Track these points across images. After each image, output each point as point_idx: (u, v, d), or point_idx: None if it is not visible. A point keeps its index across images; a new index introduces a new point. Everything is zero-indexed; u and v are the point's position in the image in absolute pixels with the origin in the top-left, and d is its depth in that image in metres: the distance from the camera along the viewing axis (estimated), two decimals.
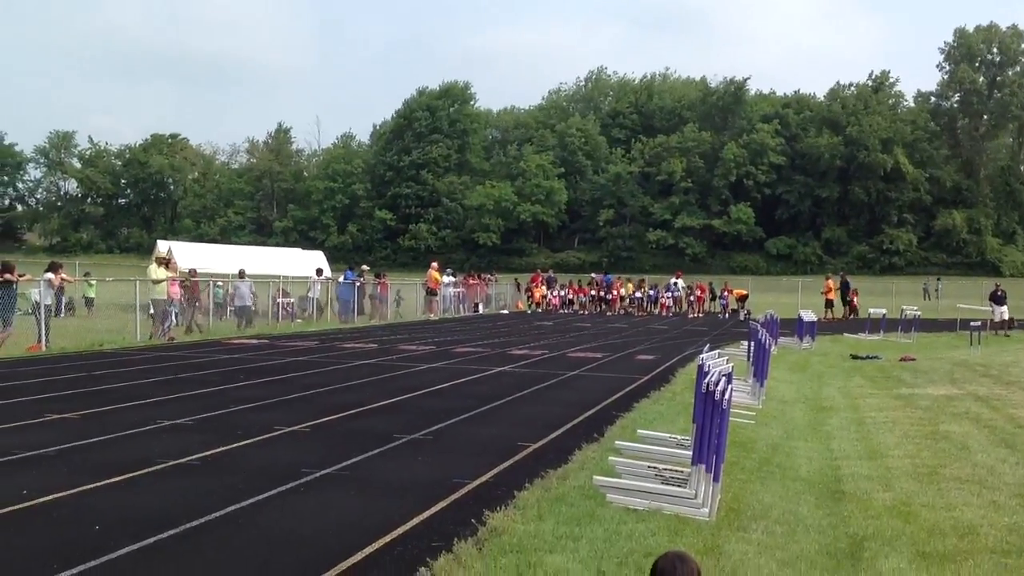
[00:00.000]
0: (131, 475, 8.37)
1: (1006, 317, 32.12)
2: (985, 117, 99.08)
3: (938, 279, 66.36)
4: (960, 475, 9.14)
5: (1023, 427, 12.19)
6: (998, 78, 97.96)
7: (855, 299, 42.30)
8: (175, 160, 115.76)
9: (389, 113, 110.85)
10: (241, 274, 28.99)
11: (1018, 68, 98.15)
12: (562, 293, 47.92)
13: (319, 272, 35.83)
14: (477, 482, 8.33)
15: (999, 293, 33.53)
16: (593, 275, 53.13)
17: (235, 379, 15.62)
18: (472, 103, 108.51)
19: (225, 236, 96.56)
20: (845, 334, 30.66)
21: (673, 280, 48.09)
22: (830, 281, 44.00)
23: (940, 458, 10.04)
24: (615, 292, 46.63)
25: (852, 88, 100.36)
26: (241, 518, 7.12)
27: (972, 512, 7.70)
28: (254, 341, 23.72)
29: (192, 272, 28.15)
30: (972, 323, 28.07)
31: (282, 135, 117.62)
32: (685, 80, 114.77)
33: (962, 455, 10.21)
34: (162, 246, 36.72)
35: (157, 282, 23.77)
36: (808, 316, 26.77)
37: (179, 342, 23.10)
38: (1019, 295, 35.32)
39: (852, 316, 40.35)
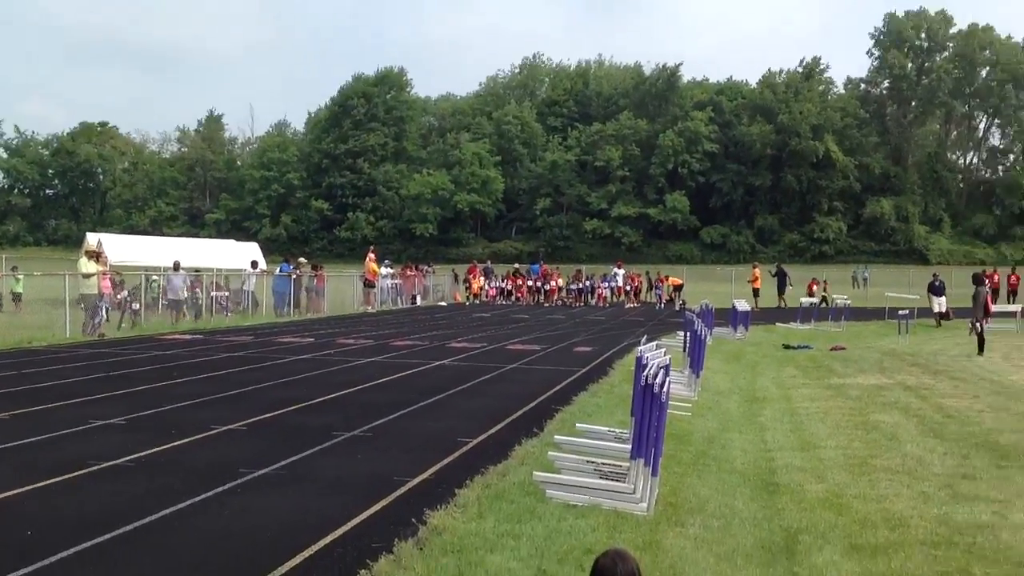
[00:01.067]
0: (64, 477, 8.24)
1: (943, 309, 31.83)
2: (913, 103, 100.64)
3: (865, 267, 67.65)
4: (890, 466, 9.37)
5: (951, 417, 12.52)
6: (926, 64, 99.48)
7: (817, 288, 42.50)
8: (104, 149, 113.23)
9: (324, 100, 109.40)
10: (176, 266, 28.50)
11: (946, 54, 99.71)
12: (500, 284, 47.96)
13: (254, 264, 35.38)
14: (418, 479, 8.34)
15: (937, 283, 32.91)
16: (517, 266, 53.19)
17: (169, 376, 15.40)
18: (408, 90, 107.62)
19: (156, 227, 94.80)
20: (777, 323, 31.14)
21: (614, 270, 48.35)
22: (757, 270, 44.55)
23: (871, 449, 10.28)
24: (552, 283, 46.78)
25: (783, 75, 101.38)
26: (178, 520, 7.05)
27: (902, 503, 7.90)
28: (188, 336, 23.40)
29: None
30: (900, 312, 28.69)
31: (214, 123, 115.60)
32: (620, 67, 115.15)
33: (892, 446, 10.46)
34: (92, 239, 35.94)
35: (87, 276, 23.30)
36: (742, 306, 27.15)
37: (110, 338, 22.69)
38: (951, 284, 35.72)
39: (823, 305, 40.81)
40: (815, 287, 43.18)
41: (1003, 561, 6.39)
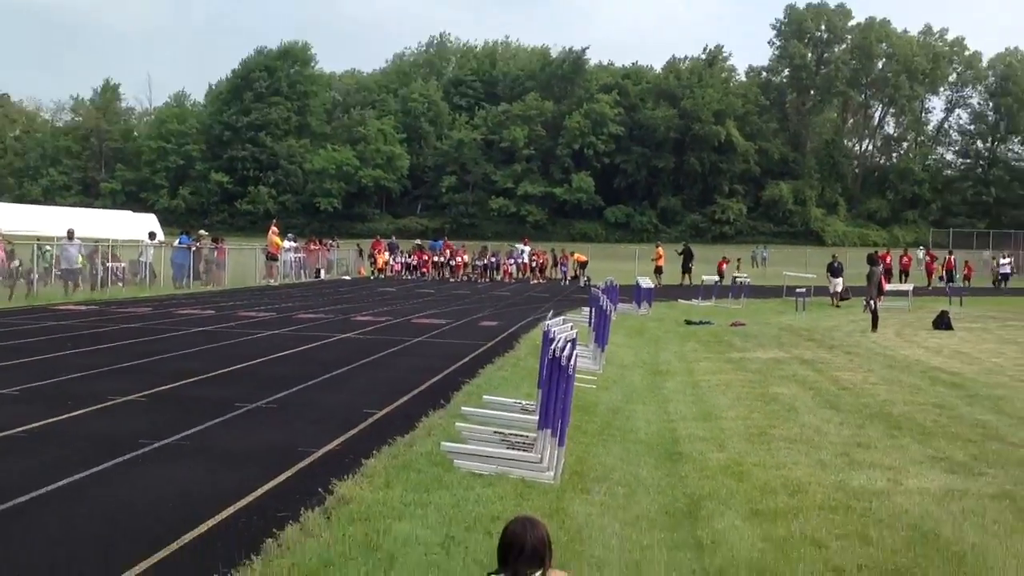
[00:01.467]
0: None
1: (840, 288, 32.50)
2: (812, 92, 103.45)
3: (764, 247, 69.27)
4: (789, 435, 9.63)
5: (846, 389, 12.93)
6: (825, 55, 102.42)
7: (728, 267, 43.53)
8: None
9: (226, 73, 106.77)
10: (70, 235, 27.59)
11: (844, 45, 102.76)
12: (405, 259, 47.75)
13: (152, 236, 34.56)
14: (323, 451, 8.25)
15: (835, 265, 33.52)
16: (419, 241, 53.02)
17: (63, 347, 14.93)
18: (313, 65, 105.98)
19: (49, 197, 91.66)
20: (679, 300, 31.66)
21: (520, 247, 48.56)
22: (660, 249, 45.34)
23: (770, 419, 10.54)
24: (458, 259, 46.77)
25: (687, 61, 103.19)
26: (75, 492, 6.85)
27: (801, 471, 8.12)
28: (83, 307, 22.70)
29: None
30: (798, 290, 29.45)
31: (110, 92, 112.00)
32: (527, 48, 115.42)
33: (790, 416, 10.75)
34: None
35: None
36: (645, 283, 27.53)
37: (1, 307, 21.89)
38: (848, 264, 36.63)
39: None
40: (724, 266, 44.15)
41: (898, 525, 6.61)
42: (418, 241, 52.79)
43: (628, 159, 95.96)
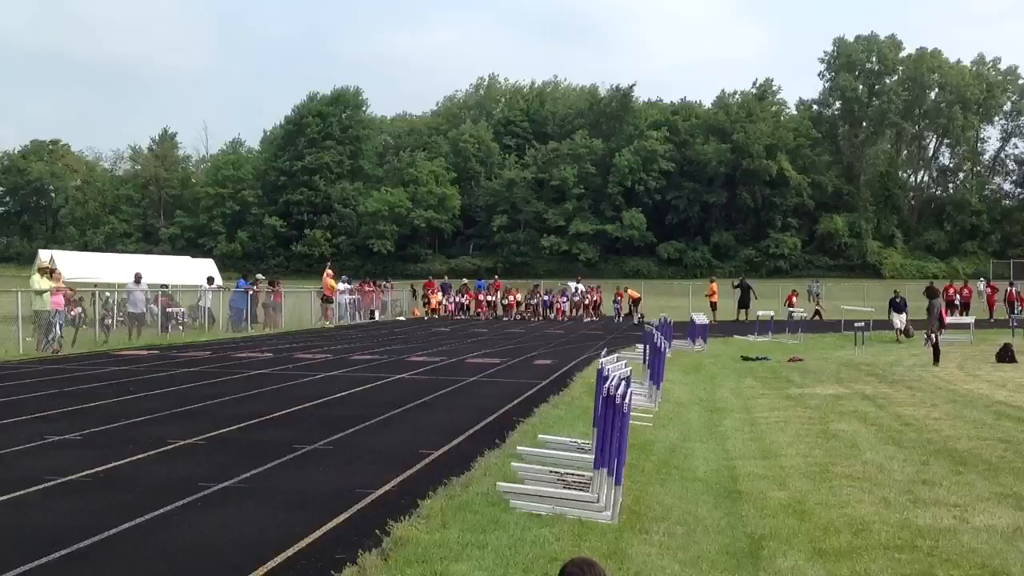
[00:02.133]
0: (17, 494, 8.05)
1: (904, 325, 31.30)
2: (864, 124, 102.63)
3: (817, 281, 68.39)
4: (851, 473, 9.44)
5: (909, 425, 12.67)
6: (876, 86, 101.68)
7: (796, 300, 43.49)
8: (56, 167, 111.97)
9: (279, 119, 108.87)
10: (137, 279, 28.09)
11: (895, 76, 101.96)
12: (458, 299, 47.94)
13: (210, 280, 35.08)
14: (380, 492, 8.26)
15: (898, 300, 32.13)
16: (466, 281, 53.10)
17: (125, 391, 15.17)
18: (364, 109, 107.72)
19: (110, 244, 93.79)
20: (735, 336, 31.38)
21: (573, 285, 48.56)
22: (714, 284, 45.05)
23: (831, 456, 10.36)
24: (511, 298, 46.86)
25: (737, 96, 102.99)
26: (136, 535, 6.92)
27: (864, 509, 7.96)
28: (144, 352, 23.08)
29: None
30: (856, 324, 29.03)
31: (168, 140, 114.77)
32: (575, 88, 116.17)
33: (852, 453, 10.55)
34: (44, 255, 35.40)
35: (40, 293, 22.94)
36: (700, 319, 27.34)
37: (65, 354, 22.33)
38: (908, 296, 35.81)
39: (816, 318, 41.53)
40: (795, 299, 43.75)
41: (965, 564, 6.45)
42: (464, 281, 52.93)
43: (679, 195, 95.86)
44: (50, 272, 24.31)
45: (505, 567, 6.08)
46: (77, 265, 36.48)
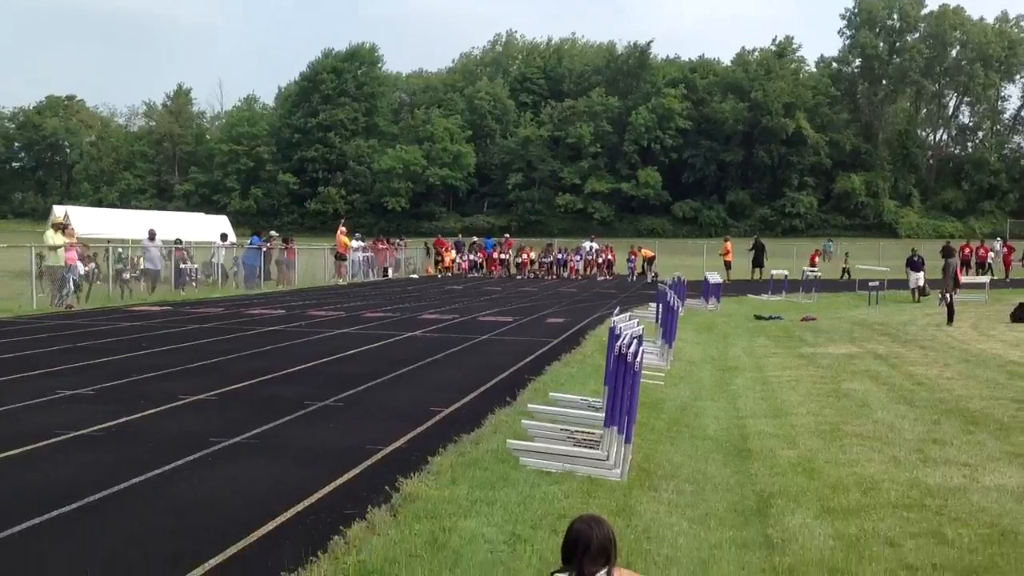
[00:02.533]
0: (30, 447, 8.12)
1: (921, 283, 30.87)
2: (884, 82, 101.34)
3: (829, 240, 68.04)
4: (862, 432, 9.42)
5: (921, 384, 12.62)
6: (897, 44, 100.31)
7: (819, 260, 43.16)
8: (71, 123, 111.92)
9: (294, 75, 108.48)
10: (151, 235, 28.15)
11: (917, 34, 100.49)
12: (472, 257, 47.92)
13: (223, 237, 35.15)
14: (390, 448, 8.29)
15: (915, 259, 31.53)
16: (475, 239, 52.89)
17: (138, 347, 15.24)
18: (379, 66, 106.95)
19: (125, 201, 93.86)
20: (749, 295, 31.28)
21: (587, 243, 48.48)
22: (728, 243, 44.90)
23: (842, 415, 10.34)
24: (524, 256, 46.82)
25: (756, 53, 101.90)
26: (148, 489, 6.97)
27: (874, 468, 7.94)
28: (157, 308, 23.18)
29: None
30: (871, 283, 28.90)
31: (182, 97, 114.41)
32: (593, 45, 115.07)
33: (863, 412, 10.53)
34: (58, 211, 35.51)
35: (54, 248, 23.01)
36: (714, 278, 27.25)
37: (78, 309, 22.45)
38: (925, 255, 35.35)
39: (844, 278, 40.95)
40: (817, 258, 43.56)
41: (974, 523, 6.44)
42: (475, 239, 52.79)
43: (696, 154, 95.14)
44: (63, 228, 24.37)
45: (514, 523, 6.10)
46: (91, 221, 36.61)
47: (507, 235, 56.15)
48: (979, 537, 6.11)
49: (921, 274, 30.98)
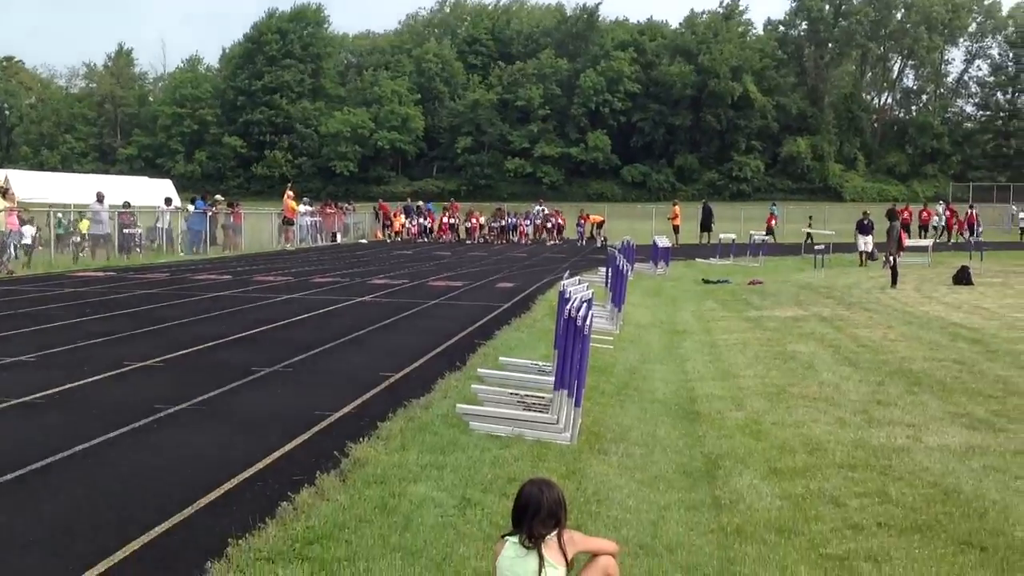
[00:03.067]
0: None
1: (870, 248, 31.05)
2: (830, 45, 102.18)
3: (774, 203, 68.66)
4: (807, 393, 9.56)
5: (865, 346, 12.82)
6: (843, 7, 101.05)
7: (775, 224, 42.94)
8: (10, 84, 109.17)
9: (238, 36, 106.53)
10: (99, 198, 27.58)
11: None
12: (421, 221, 47.68)
13: (168, 201, 34.59)
14: (339, 414, 8.24)
15: (865, 222, 31.37)
16: (419, 203, 52.54)
17: (81, 313, 14.98)
18: (325, 26, 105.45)
19: (67, 164, 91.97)
20: (697, 259, 31.52)
21: (537, 208, 48.47)
22: (677, 207, 45.14)
23: (788, 377, 10.47)
24: (474, 221, 46.70)
25: (704, 16, 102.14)
26: (92, 456, 6.87)
27: (819, 429, 8.07)
28: (101, 274, 22.78)
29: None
30: (816, 247, 29.23)
31: (123, 57, 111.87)
32: (542, 6, 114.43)
33: (809, 374, 10.68)
34: None
35: None
36: (662, 242, 27.40)
37: (19, 275, 21.99)
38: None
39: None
40: (773, 222, 43.89)
41: (918, 482, 6.56)
42: (419, 203, 52.48)
43: (645, 117, 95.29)
44: (4, 192, 23.83)
45: (464, 487, 6.10)
46: (32, 185, 35.78)
47: (452, 199, 55.88)
48: (923, 496, 6.23)
49: (870, 238, 31.22)
